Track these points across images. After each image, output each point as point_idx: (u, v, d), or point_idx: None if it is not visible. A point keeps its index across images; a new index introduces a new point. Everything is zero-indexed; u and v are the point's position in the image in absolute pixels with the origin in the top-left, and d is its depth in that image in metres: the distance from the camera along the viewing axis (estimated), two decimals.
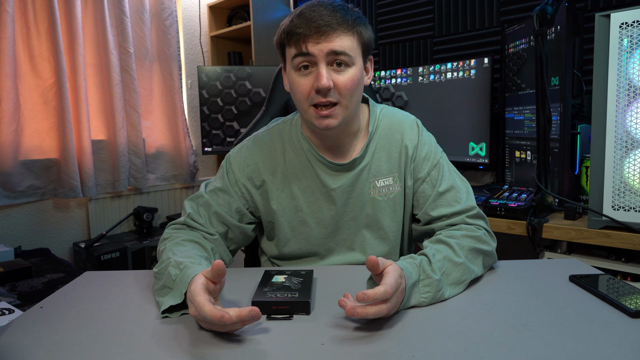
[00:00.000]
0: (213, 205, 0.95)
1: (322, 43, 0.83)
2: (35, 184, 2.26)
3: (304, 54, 0.85)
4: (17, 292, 1.61)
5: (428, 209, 0.95)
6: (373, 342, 0.63)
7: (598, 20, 1.22)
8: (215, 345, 0.64)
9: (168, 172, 2.81)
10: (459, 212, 0.92)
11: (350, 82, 0.86)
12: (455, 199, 0.94)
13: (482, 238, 0.88)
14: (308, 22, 0.84)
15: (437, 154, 0.99)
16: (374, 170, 0.97)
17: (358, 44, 0.88)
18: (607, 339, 0.62)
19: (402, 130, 0.99)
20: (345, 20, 0.85)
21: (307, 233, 0.98)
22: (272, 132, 1.01)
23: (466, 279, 0.81)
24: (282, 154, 0.98)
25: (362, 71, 0.90)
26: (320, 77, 0.84)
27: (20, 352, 0.62)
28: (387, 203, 0.97)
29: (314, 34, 0.83)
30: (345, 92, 0.86)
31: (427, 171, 0.97)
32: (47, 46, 2.25)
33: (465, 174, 2.17)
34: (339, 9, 0.86)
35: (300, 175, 0.97)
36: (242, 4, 2.90)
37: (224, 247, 0.96)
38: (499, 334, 0.64)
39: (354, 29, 0.86)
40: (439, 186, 0.95)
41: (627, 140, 1.20)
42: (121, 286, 0.87)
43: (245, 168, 0.98)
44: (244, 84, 2.57)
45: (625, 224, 1.22)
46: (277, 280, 0.79)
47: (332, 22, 0.83)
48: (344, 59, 0.85)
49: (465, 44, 2.15)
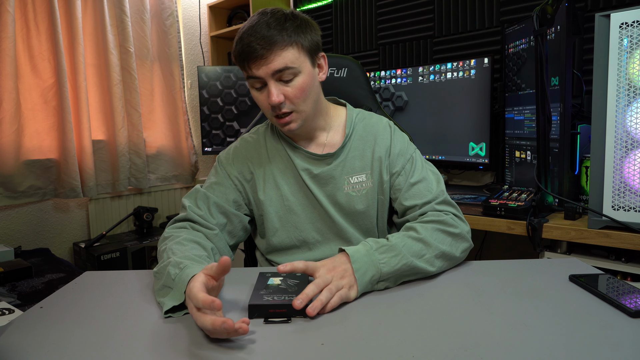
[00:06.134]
0: (211, 197, 0.99)
1: (263, 66, 0.89)
2: (36, 184, 2.26)
3: (253, 77, 0.91)
4: (17, 292, 1.61)
5: (402, 199, 1.00)
6: (373, 342, 0.63)
7: (598, 20, 1.22)
8: (215, 345, 0.64)
9: (169, 172, 2.81)
10: (429, 201, 0.97)
11: (300, 90, 0.92)
12: (427, 189, 0.99)
13: (448, 221, 0.92)
14: (248, 47, 0.88)
15: (410, 149, 1.06)
16: (348, 168, 1.03)
17: (301, 52, 0.92)
18: (607, 339, 0.62)
19: (376, 131, 1.06)
20: (281, 37, 0.88)
21: (295, 220, 1.03)
22: (256, 132, 1.10)
23: (431, 254, 0.85)
24: (265, 149, 1.06)
25: (311, 74, 0.95)
26: (271, 95, 0.90)
27: (20, 352, 0.62)
28: (360, 198, 1.03)
29: (254, 58, 0.88)
30: (297, 100, 0.93)
31: (402, 165, 1.03)
32: (47, 46, 2.25)
33: (465, 174, 2.19)
34: (274, 25, 0.89)
35: (282, 166, 1.04)
36: (242, 4, 2.90)
37: (225, 243, 0.99)
38: (499, 334, 0.64)
39: (292, 41, 0.90)
40: (411, 177, 1.01)
41: (627, 140, 1.20)
42: (121, 286, 0.87)
43: (235, 163, 1.05)
44: (244, 84, 2.57)
45: (625, 224, 1.22)
46: (273, 282, 0.78)
47: (267, 44, 0.88)
48: (289, 72, 0.90)
49: (465, 44, 2.15)
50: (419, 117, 2.10)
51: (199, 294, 0.64)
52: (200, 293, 0.65)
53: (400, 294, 0.80)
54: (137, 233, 2.57)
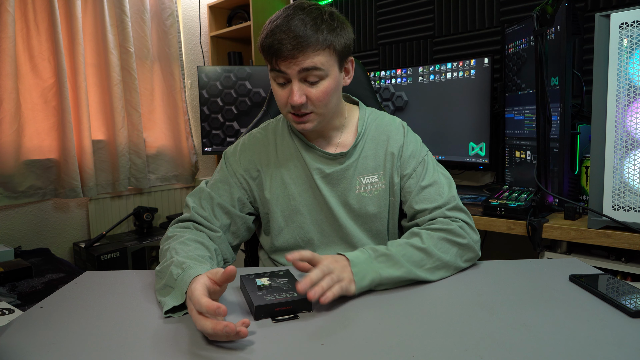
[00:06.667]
0: (215, 197, 0.98)
1: (293, 64, 0.86)
2: (36, 184, 2.26)
3: (278, 71, 0.89)
4: (17, 292, 1.61)
5: (412, 202, 0.98)
6: (373, 342, 0.63)
7: (598, 20, 1.22)
8: (215, 345, 0.64)
9: (169, 172, 2.81)
10: (439, 206, 0.94)
11: (323, 94, 0.90)
12: (438, 193, 0.97)
13: (456, 231, 0.89)
14: (279, 43, 0.85)
15: (422, 152, 1.04)
16: (360, 168, 1.01)
17: (332, 55, 0.89)
18: (607, 339, 0.62)
19: (389, 132, 1.04)
20: (316, 38, 0.85)
21: (300, 221, 1.01)
22: (265, 128, 1.07)
23: (432, 264, 0.84)
24: (274, 147, 1.04)
25: (337, 79, 0.93)
26: (293, 95, 0.88)
27: (20, 352, 0.62)
28: (372, 199, 1.01)
29: (285, 54, 0.85)
30: (319, 103, 0.91)
31: (413, 167, 1.01)
32: (47, 46, 2.25)
33: (465, 174, 2.19)
34: (311, 24, 0.85)
35: (291, 165, 1.02)
36: (242, 4, 2.90)
37: (227, 244, 0.98)
38: (499, 334, 0.64)
39: (326, 43, 0.87)
40: (422, 180, 0.99)
41: (627, 140, 1.20)
42: (121, 286, 0.87)
43: (241, 161, 1.03)
44: (244, 84, 2.57)
45: (625, 224, 1.22)
46: (263, 283, 0.78)
47: (300, 44, 0.84)
48: (316, 73, 0.88)
49: (465, 44, 2.15)
50: (419, 117, 2.10)
51: (201, 299, 0.64)
52: (203, 298, 0.64)
53: (401, 294, 0.80)
54: (137, 233, 2.57)
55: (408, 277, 0.82)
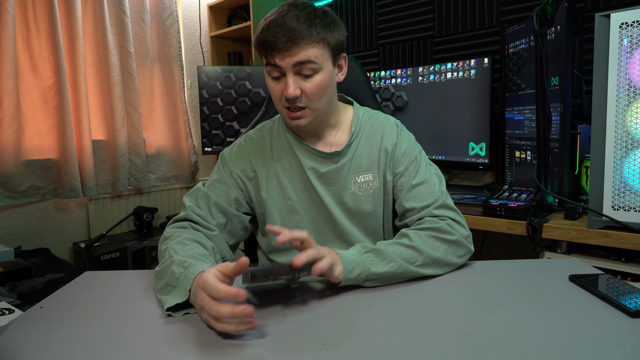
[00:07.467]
0: (212, 197, 0.99)
1: (287, 56, 0.88)
2: (36, 184, 2.26)
3: (273, 65, 0.90)
4: (17, 292, 1.61)
5: (402, 200, 0.99)
6: (373, 342, 0.63)
7: (598, 20, 1.22)
8: (215, 345, 0.64)
9: (169, 172, 2.81)
10: (427, 206, 0.95)
11: (318, 88, 0.91)
12: (429, 192, 0.98)
13: (444, 228, 0.90)
14: (274, 35, 0.87)
15: (415, 150, 1.04)
16: (354, 167, 1.02)
17: (325, 49, 0.91)
18: (607, 339, 0.62)
19: (383, 130, 1.05)
20: (310, 32, 0.87)
21: (297, 220, 1.02)
22: (261, 129, 1.09)
23: (422, 261, 0.85)
24: (270, 147, 1.05)
25: (331, 73, 0.94)
26: (287, 88, 0.89)
27: (20, 352, 0.62)
28: (367, 198, 1.01)
29: (280, 47, 0.87)
30: (313, 97, 0.92)
31: (405, 166, 1.01)
32: (47, 46, 2.25)
33: (465, 174, 2.19)
34: (305, 19, 0.88)
35: (287, 165, 1.03)
36: (242, 4, 2.90)
37: (224, 243, 0.98)
38: (499, 334, 0.64)
39: (320, 37, 0.89)
40: (413, 179, 1.00)
41: (627, 140, 1.20)
42: (121, 286, 0.87)
43: (238, 161, 1.04)
44: (244, 84, 2.57)
45: (625, 224, 1.22)
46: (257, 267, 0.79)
47: (295, 37, 0.87)
48: (310, 66, 0.90)
49: (465, 44, 2.15)
50: (419, 117, 2.10)
51: (218, 285, 0.65)
52: (219, 284, 0.65)
53: (401, 294, 0.80)
54: (137, 233, 2.57)
55: (398, 271, 0.83)
